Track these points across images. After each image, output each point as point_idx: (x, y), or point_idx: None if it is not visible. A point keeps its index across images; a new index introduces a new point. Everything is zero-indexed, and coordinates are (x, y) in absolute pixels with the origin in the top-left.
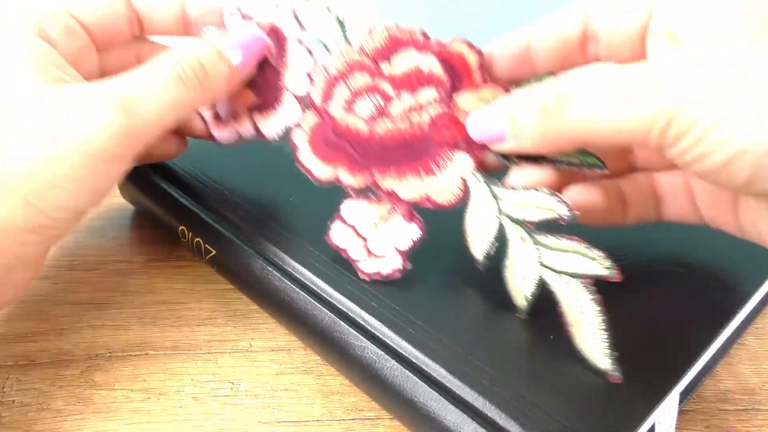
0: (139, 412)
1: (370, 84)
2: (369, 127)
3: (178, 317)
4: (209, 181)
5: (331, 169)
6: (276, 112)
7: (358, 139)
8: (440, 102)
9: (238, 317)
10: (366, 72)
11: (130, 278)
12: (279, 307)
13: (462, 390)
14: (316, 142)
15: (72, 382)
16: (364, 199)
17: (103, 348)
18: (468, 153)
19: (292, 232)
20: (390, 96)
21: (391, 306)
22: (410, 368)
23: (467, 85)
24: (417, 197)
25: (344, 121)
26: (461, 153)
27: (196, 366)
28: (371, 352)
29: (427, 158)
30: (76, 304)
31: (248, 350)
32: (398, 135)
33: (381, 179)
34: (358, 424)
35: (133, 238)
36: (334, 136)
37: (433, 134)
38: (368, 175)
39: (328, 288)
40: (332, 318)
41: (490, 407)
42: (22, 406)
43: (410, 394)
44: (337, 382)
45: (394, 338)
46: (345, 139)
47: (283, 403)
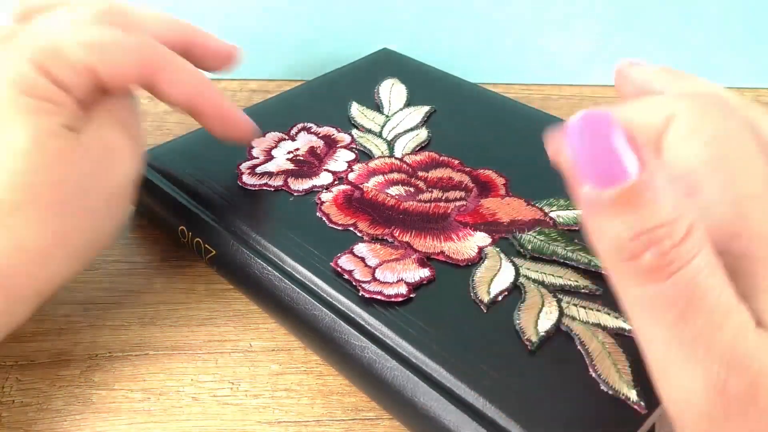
0: (139, 412)
1: (405, 179)
2: (396, 202)
3: (178, 317)
4: (209, 181)
5: (349, 219)
6: (310, 179)
7: (383, 207)
8: (467, 201)
9: (238, 317)
10: (403, 173)
11: (130, 278)
12: (279, 307)
13: (462, 390)
14: (339, 199)
15: (72, 382)
16: (378, 244)
17: (103, 348)
18: (488, 234)
19: (292, 232)
20: (422, 189)
21: (391, 306)
22: (410, 368)
23: (493, 196)
24: (432, 251)
25: (373, 193)
26: (481, 233)
27: (196, 366)
28: (371, 352)
29: (449, 232)
30: (76, 304)
31: (248, 350)
32: (422, 210)
33: (400, 236)
34: (358, 424)
35: (133, 238)
36: (359, 200)
37: (456, 216)
38: (387, 230)
39: (328, 288)
40: (332, 318)
41: (491, 407)
42: (22, 406)
43: (410, 395)
44: (337, 382)
45: (394, 338)
46: (369, 205)
47: (283, 403)
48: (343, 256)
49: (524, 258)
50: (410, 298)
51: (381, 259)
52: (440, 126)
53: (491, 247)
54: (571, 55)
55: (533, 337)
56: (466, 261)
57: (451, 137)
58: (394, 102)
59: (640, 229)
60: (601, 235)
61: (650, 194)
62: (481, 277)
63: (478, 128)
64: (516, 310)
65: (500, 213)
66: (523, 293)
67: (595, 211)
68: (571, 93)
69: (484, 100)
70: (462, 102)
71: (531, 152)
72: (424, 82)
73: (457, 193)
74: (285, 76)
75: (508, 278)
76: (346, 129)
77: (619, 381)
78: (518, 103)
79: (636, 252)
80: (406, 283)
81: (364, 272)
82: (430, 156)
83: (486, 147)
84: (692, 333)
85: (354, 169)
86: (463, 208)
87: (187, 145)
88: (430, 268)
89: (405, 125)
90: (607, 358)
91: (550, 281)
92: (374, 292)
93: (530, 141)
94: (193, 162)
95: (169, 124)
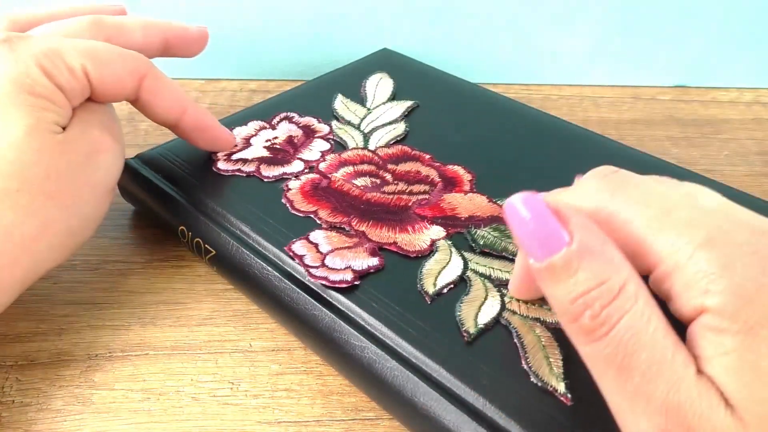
0: (138, 412)
1: (373, 170)
2: (360, 192)
3: (177, 317)
4: (209, 181)
5: (311, 206)
6: (282, 167)
7: (347, 196)
8: (430, 194)
9: (238, 317)
10: (373, 164)
11: (130, 278)
12: (279, 307)
13: (462, 390)
14: (306, 187)
15: (72, 382)
16: (334, 232)
17: (103, 348)
18: (443, 228)
19: (291, 231)
20: (388, 181)
21: (391, 306)
22: (410, 368)
23: (457, 191)
24: (385, 241)
25: (340, 183)
26: (437, 226)
27: (196, 366)
28: (371, 352)
29: (406, 223)
30: (76, 304)
31: (248, 350)
32: (384, 201)
33: (357, 225)
34: (358, 424)
35: (133, 238)
36: (325, 188)
37: (416, 209)
38: (346, 219)
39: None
40: (332, 318)
41: (491, 407)
42: (22, 406)
43: (410, 394)
44: (337, 382)
45: (394, 338)
46: (333, 193)
47: (283, 403)
48: (297, 241)
49: (474, 252)
50: (355, 285)
51: (333, 247)
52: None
53: (443, 241)
54: (571, 55)
55: (471, 329)
56: (416, 253)
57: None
58: (378, 96)
59: (575, 293)
60: (550, 299)
61: (577, 262)
62: (429, 270)
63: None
64: (458, 302)
65: (460, 208)
66: (468, 286)
67: (541, 280)
68: (571, 93)
69: (481, 99)
70: (456, 101)
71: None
72: (423, 82)
73: (422, 187)
74: (285, 76)
75: (455, 271)
76: (329, 120)
77: (549, 374)
78: (516, 103)
79: (576, 314)
80: (353, 270)
81: (314, 258)
82: (402, 150)
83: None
84: (632, 387)
85: (326, 159)
86: (424, 202)
87: (186, 145)
88: (380, 258)
89: (384, 119)
90: (540, 351)
91: (497, 276)
92: (320, 277)
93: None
94: (192, 162)
95: None
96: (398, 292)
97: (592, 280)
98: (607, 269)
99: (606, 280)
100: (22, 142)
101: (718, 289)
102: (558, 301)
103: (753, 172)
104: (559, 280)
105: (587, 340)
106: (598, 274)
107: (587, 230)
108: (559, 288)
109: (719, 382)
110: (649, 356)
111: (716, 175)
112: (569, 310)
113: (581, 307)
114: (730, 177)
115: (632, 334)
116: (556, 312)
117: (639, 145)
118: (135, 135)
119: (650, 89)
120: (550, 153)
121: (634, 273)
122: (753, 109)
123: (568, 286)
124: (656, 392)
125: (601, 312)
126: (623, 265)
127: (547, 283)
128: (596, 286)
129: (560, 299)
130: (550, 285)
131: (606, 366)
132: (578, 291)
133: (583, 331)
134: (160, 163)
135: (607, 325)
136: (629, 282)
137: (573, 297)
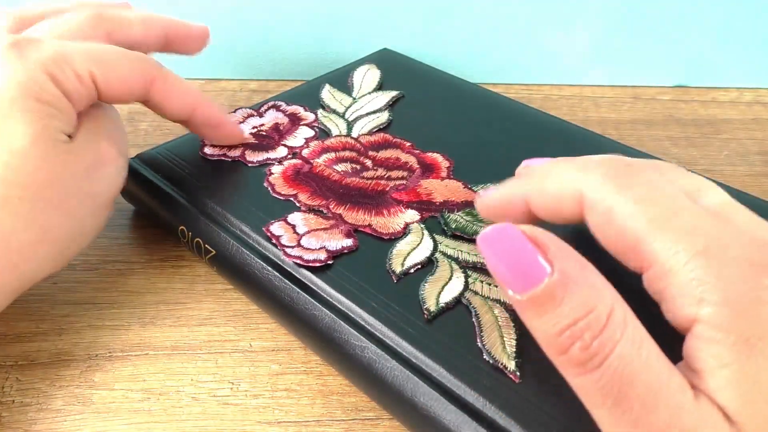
0: (138, 412)
1: (354, 156)
2: (340, 177)
3: (177, 317)
4: (209, 181)
5: (292, 190)
6: (266, 153)
7: (326, 181)
8: (407, 180)
9: (238, 317)
10: (355, 151)
11: (130, 278)
12: (279, 307)
13: (462, 390)
14: (288, 172)
15: (72, 382)
16: (312, 214)
17: (103, 348)
18: (418, 212)
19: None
20: (368, 167)
21: (391, 306)
22: (410, 368)
23: (434, 177)
24: (360, 223)
25: (321, 168)
26: (412, 210)
27: (196, 366)
28: (371, 352)
29: (382, 207)
30: (76, 304)
31: (248, 350)
32: (362, 186)
33: (334, 208)
34: (358, 424)
35: (133, 238)
36: (306, 173)
37: (393, 194)
38: (324, 202)
39: (328, 288)
40: (332, 318)
41: (491, 407)
42: (22, 406)
43: (410, 395)
44: (337, 382)
45: (394, 338)
46: (314, 178)
47: (283, 403)
48: (275, 222)
49: (446, 236)
50: (328, 264)
51: (309, 228)
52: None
53: (417, 224)
54: (571, 55)
55: (432, 307)
56: (390, 235)
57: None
58: (365, 86)
59: (561, 325)
60: (534, 332)
61: (561, 292)
62: (399, 251)
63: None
64: (423, 282)
65: (436, 193)
66: (434, 267)
67: (522, 312)
68: (571, 93)
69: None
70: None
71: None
72: (423, 82)
73: (400, 173)
74: (285, 76)
75: (424, 253)
76: (315, 109)
77: (502, 352)
78: (511, 101)
79: (564, 346)
80: (327, 250)
81: (291, 238)
82: (383, 137)
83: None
84: (630, 417)
85: (309, 145)
86: (401, 187)
87: (187, 145)
88: (354, 239)
89: (368, 108)
90: (495, 330)
91: (464, 258)
92: (294, 257)
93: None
94: (192, 162)
95: (169, 125)
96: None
97: (578, 310)
98: (592, 296)
99: (593, 308)
100: (27, 150)
101: (713, 300)
102: (543, 334)
103: (753, 172)
104: (543, 312)
105: (578, 372)
106: (585, 303)
107: (567, 257)
108: (543, 321)
109: (720, 397)
110: (646, 384)
111: (716, 175)
112: (556, 342)
113: (569, 340)
114: (730, 177)
115: (627, 362)
116: (541, 344)
117: (639, 145)
118: (135, 135)
119: (650, 89)
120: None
121: (617, 296)
122: (753, 109)
123: (553, 318)
124: (658, 422)
125: (592, 343)
126: (606, 288)
127: (529, 315)
128: (584, 316)
129: (545, 332)
130: (532, 317)
131: (602, 398)
132: (565, 323)
133: (573, 364)
134: (160, 163)
135: (600, 355)
136: (616, 308)
137: (560, 329)
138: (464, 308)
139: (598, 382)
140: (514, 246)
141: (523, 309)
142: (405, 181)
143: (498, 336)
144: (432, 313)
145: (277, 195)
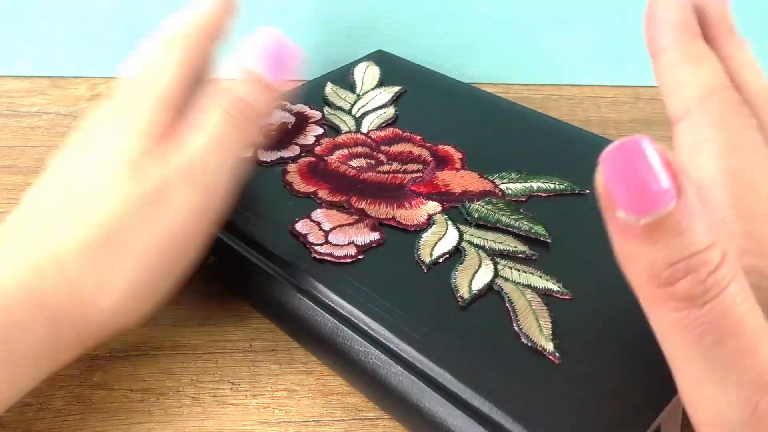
0: (138, 412)
1: (367, 152)
2: (356, 172)
3: (178, 317)
4: None
5: (311, 187)
6: (278, 152)
7: (344, 177)
8: (423, 172)
9: (238, 317)
10: (367, 146)
11: None
12: (281, 314)
13: (468, 395)
14: (304, 169)
15: (72, 382)
16: (334, 210)
17: (103, 348)
18: (439, 203)
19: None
20: (382, 161)
21: (395, 311)
22: (415, 373)
23: (449, 169)
24: (384, 216)
25: (336, 164)
26: (433, 202)
27: (196, 366)
28: (375, 357)
29: (403, 200)
30: None
31: (248, 350)
32: (380, 180)
33: (356, 203)
34: (358, 424)
35: None
36: (322, 170)
37: (411, 186)
38: (345, 197)
39: (331, 294)
40: (335, 324)
41: (497, 411)
42: (22, 406)
43: (416, 400)
44: (337, 382)
45: (399, 343)
46: (331, 174)
47: (283, 403)
48: (300, 221)
49: (469, 225)
50: (358, 259)
51: (335, 224)
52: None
53: (440, 215)
54: (571, 55)
55: (465, 294)
56: (415, 226)
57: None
58: (366, 82)
59: (676, 257)
60: (634, 260)
61: (686, 222)
62: (426, 241)
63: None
64: (453, 270)
65: (453, 184)
66: (463, 256)
67: (628, 237)
68: (571, 93)
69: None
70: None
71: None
72: (419, 83)
73: (415, 166)
74: None
75: (451, 242)
76: (319, 107)
77: (539, 335)
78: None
79: (672, 279)
80: (356, 245)
81: (317, 236)
82: (393, 131)
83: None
84: (727, 358)
85: (321, 143)
86: (418, 179)
87: None
88: (381, 233)
89: (374, 104)
90: (531, 314)
91: (491, 246)
92: (325, 254)
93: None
94: None
95: None
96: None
97: (698, 243)
98: (712, 233)
99: (713, 244)
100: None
101: None
102: (647, 263)
103: None
104: (658, 240)
105: (680, 308)
106: (705, 239)
107: (694, 187)
108: (655, 248)
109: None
110: (749, 327)
111: None
112: (662, 274)
113: (681, 272)
114: None
115: (738, 302)
116: (636, 273)
117: None
118: None
119: (650, 89)
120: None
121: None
122: None
123: (667, 248)
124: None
125: (707, 278)
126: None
127: (640, 240)
128: (705, 250)
129: (653, 260)
130: (642, 243)
131: (700, 335)
132: (683, 254)
133: (676, 297)
134: None
135: (713, 291)
136: (730, 250)
137: (674, 260)
138: (496, 295)
139: (701, 318)
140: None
141: (632, 233)
142: (421, 173)
143: (534, 319)
144: (466, 300)
145: (295, 192)
